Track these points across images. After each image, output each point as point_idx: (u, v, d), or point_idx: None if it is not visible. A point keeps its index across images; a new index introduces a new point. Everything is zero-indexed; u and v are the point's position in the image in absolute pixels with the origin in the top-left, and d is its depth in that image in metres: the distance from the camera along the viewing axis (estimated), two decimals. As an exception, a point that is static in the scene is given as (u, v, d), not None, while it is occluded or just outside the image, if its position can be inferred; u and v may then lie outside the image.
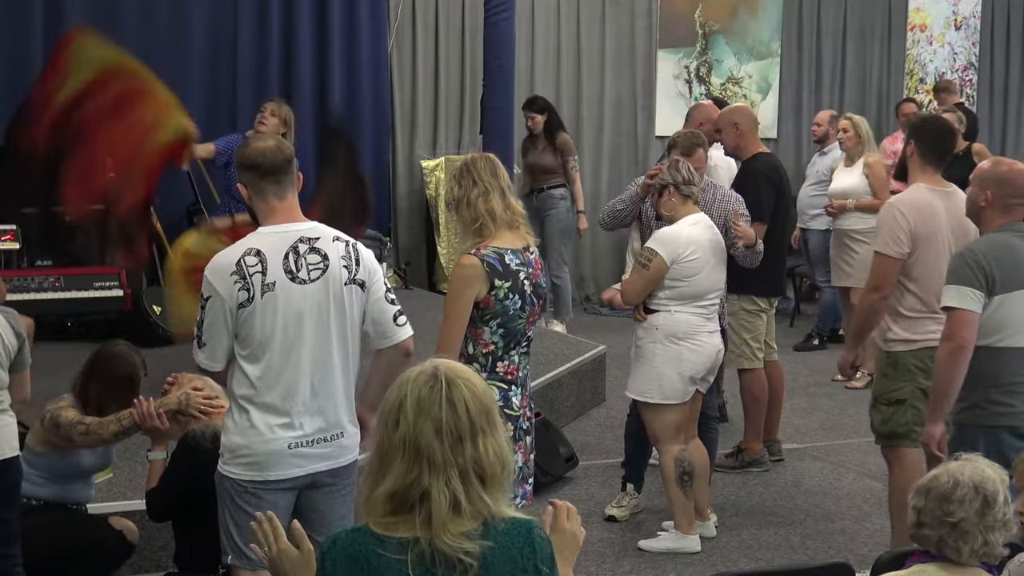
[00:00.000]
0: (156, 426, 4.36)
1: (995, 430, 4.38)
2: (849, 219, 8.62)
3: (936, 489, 3.10)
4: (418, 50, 11.16)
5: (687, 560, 5.54)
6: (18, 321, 4.31)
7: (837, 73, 12.96)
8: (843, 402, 8.27)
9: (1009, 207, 4.50)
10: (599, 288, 11.72)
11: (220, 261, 3.80)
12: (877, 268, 5.00)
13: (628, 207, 6.14)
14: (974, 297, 4.35)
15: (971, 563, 3.08)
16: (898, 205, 5.00)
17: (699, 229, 5.51)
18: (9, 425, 4.26)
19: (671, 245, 5.43)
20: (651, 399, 5.54)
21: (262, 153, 3.85)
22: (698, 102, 7.41)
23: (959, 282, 4.38)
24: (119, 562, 4.82)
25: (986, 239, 4.49)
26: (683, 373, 5.49)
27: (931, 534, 3.10)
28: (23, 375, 4.36)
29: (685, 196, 5.52)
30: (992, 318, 4.39)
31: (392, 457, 2.38)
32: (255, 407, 3.78)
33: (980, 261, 4.38)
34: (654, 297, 5.50)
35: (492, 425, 2.43)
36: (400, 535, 2.37)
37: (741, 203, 6.01)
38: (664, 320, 5.49)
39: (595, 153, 11.94)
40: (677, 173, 5.52)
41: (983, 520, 3.05)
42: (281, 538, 2.66)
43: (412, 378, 2.43)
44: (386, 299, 3.95)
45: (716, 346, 5.61)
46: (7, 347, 4.22)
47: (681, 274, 5.44)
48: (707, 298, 5.53)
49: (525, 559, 2.43)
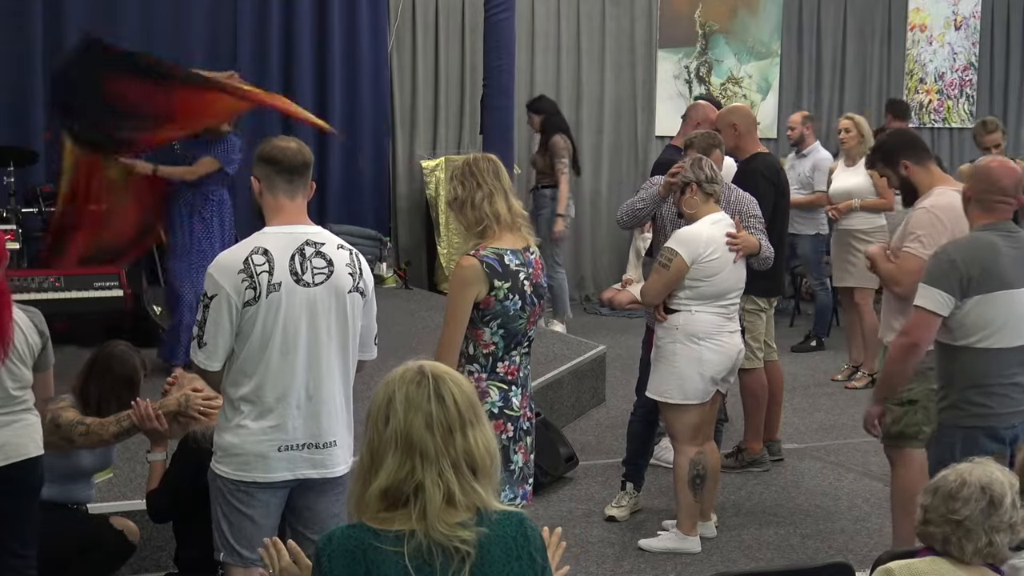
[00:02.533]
0: (155, 427, 4.36)
1: (972, 431, 4.36)
2: (854, 219, 8.60)
3: (943, 488, 3.13)
4: (418, 50, 11.16)
5: (687, 560, 5.54)
6: (42, 320, 4.31)
7: (837, 73, 12.97)
8: (843, 402, 8.27)
9: (990, 205, 4.44)
10: (599, 288, 11.72)
11: (227, 259, 3.81)
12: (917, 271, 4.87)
13: (649, 206, 6.08)
14: (941, 300, 4.32)
15: (975, 562, 3.09)
16: (936, 211, 4.94)
17: (720, 228, 5.49)
18: (34, 424, 4.25)
19: (691, 245, 5.42)
20: (672, 399, 5.52)
21: (282, 151, 3.88)
22: (695, 101, 7.40)
23: (929, 282, 4.36)
24: (119, 562, 4.82)
25: (968, 238, 4.46)
26: (704, 373, 5.47)
27: (936, 531, 3.12)
28: (47, 374, 4.35)
29: (707, 194, 5.51)
30: (969, 318, 4.35)
31: (384, 453, 2.41)
32: (248, 407, 3.78)
33: (955, 262, 4.34)
34: (674, 297, 5.48)
35: (479, 418, 2.48)
36: (396, 528, 2.40)
37: (755, 204, 5.98)
38: (685, 320, 5.47)
39: (595, 153, 11.94)
40: (700, 171, 5.51)
41: (988, 520, 3.06)
42: (284, 558, 2.74)
43: (398, 376, 2.47)
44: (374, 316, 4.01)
45: (737, 346, 5.60)
46: (31, 346, 4.23)
47: (702, 274, 5.42)
48: (727, 298, 5.52)
49: (519, 547, 2.46)
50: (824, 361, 9.40)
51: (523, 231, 4.28)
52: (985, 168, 4.51)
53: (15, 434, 4.15)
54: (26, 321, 4.22)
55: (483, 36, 9.61)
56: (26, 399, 4.22)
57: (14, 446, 4.15)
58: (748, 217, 5.86)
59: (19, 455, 4.16)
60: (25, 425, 4.21)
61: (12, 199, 8.37)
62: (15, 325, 4.14)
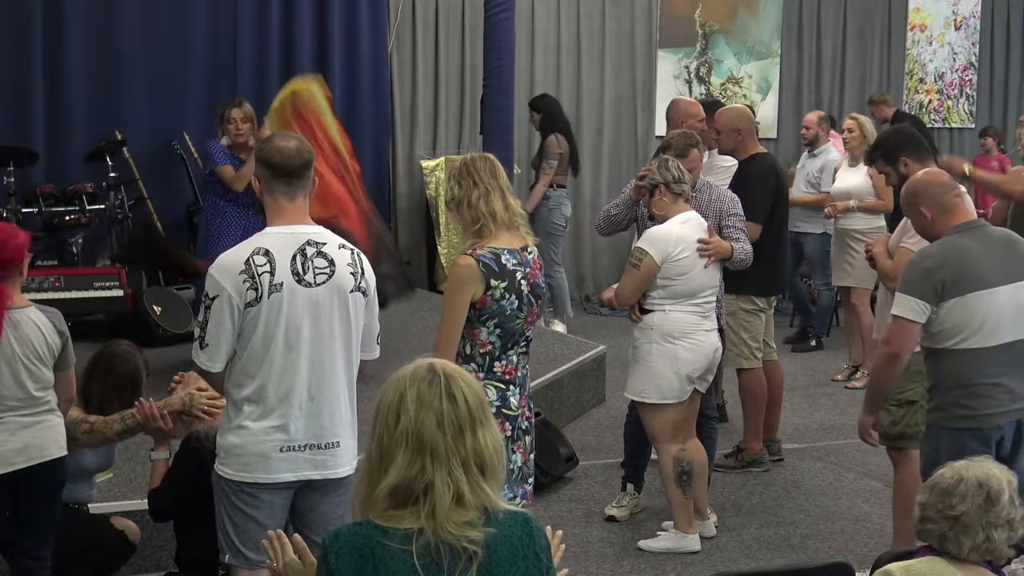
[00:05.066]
0: (160, 427, 4.36)
1: (957, 432, 4.37)
2: (852, 219, 8.61)
3: (940, 484, 3.14)
4: (418, 50, 11.17)
5: (687, 560, 5.55)
6: (61, 320, 4.31)
7: (837, 73, 12.98)
8: (843, 402, 8.27)
9: (947, 205, 4.47)
10: (599, 288, 11.72)
11: (228, 260, 3.80)
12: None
13: (623, 211, 6.14)
14: (916, 307, 4.34)
15: (972, 558, 3.10)
16: None
17: (690, 227, 5.51)
18: (56, 425, 4.26)
19: (660, 244, 5.44)
20: (648, 399, 5.54)
21: (280, 152, 3.84)
22: (672, 100, 7.36)
23: (905, 290, 4.38)
24: (120, 562, 4.82)
25: (939, 244, 4.46)
26: (680, 372, 5.49)
27: (934, 528, 3.13)
28: (68, 374, 4.36)
29: (676, 194, 5.53)
30: (947, 323, 4.35)
31: (394, 451, 2.41)
32: (250, 407, 3.78)
33: (929, 269, 4.36)
34: (648, 297, 5.50)
35: (488, 418, 2.48)
36: (405, 526, 2.40)
37: (736, 203, 5.99)
38: (659, 319, 5.49)
39: (595, 153, 11.95)
40: (667, 172, 5.53)
41: (986, 516, 3.07)
42: (288, 552, 2.74)
43: (409, 374, 2.46)
44: (376, 315, 3.99)
45: (713, 344, 5.61)
46: (51, 346, 4.23)
47: (673, 272, 5.44)
48: (701, 296, 5.53)
49: (526, 547, 2.47)
50: (824, 361, 9.41)
51: (521, 230, 4.29)
52: (916, 182, 4.58)
53: (36, 435, 4.17)
54: (45, 321, 4.23)
55: (483, 36, 9.61)
56: (48, 399, 4.23)
57: (36, 447, 4.16)
58: (728, 215, 5.87)
59: (41, 457, 4.17)
60: (48, 426, 4.22)
61: (12, 199, 8.38)
62: (34, 325, 4.16)
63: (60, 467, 4.25)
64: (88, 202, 8.70)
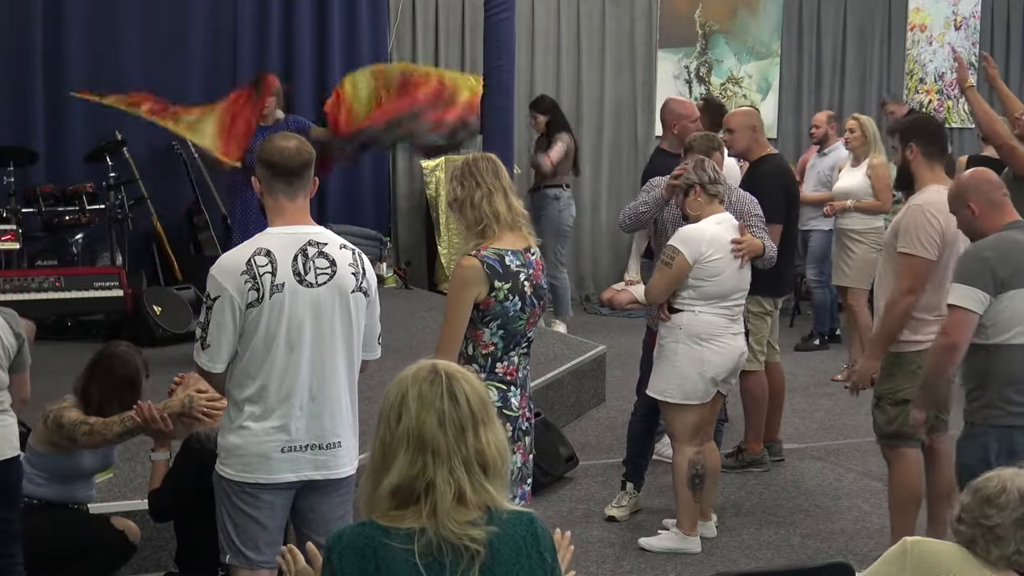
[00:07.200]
0: (160, 429, 4.36)
1: (1009, 430, 4.35)
2: (849, 219, 8.63)
3: (983, 491, 3.12)
4: (418, 50, 11.16)
5: (687, 560, 5.55)
6: (17, 322, 4.31)
7: (837, 73, 12.97)
8: (843, 402, 8.26)
9: (995, 202, 4.50)
10: (599, 288, 11.73)
11: (229, 261, 3.80)
12: (911, 270, 4.94)
13: (652, 209, 6.04)
14: (976, 298, 4.34)
15: (1001, 566, 3.09)
16: (927, 207, 4.95)
17: (723, 228, 5.50)
18: (9, 425, 4.26)
19: (693, 243, 5.42)
20: (672, 399, 5.53)
21: (280, 152, 3.84)
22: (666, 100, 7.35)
23: (964, 281, 4.38)
24: (120, 562, 4.82)
25: (994, 238, 4.47)
26: (705, 374, 5.47)
27: (966, 531, 3.12)
28: (23, 375, 4.36)
29: (711, 195, 5.52)
30: (1003, 315, 4.36)
31: (396, 451, 2.42)
32: (251, 408, 3.77)
33: (988, 260, 4.37)
34: (678, 296, 5.48)
35: (491, 418, 2.49)
36: (407, 526, 2.40)
37: (756, 204, 5.97)
38: (688, 320, 5.47)
39: (595, 153, 11.94)
40: (703, 172, 5.52)
41: (1021, 529, 3.06)
42: (300, 561, 2.76)
43: (411, 374, 2.47)
44: (378, 315, 3.99)
45: (740, 348, 5.59)
46: (6, 347, 4.23)
47: (705, 274, 5.42)
48: (732, 298, 5.52)
49: (529, 546, 2.47)
50: (824, 361, 9.41)
51: (524, 231, 4.27)
52: (966, 179, 4.59)
53: None
54: (1, 323, 4.22)
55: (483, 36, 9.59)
56: (2, 400, 4.23)
57: None
58: (750, 217, 5.87)
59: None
60: (2, 427, 4.22)
61: (12, 199, 8.39)
62: None
63: (14, 466, 4.26)
64: (88, 202, 8.71)
